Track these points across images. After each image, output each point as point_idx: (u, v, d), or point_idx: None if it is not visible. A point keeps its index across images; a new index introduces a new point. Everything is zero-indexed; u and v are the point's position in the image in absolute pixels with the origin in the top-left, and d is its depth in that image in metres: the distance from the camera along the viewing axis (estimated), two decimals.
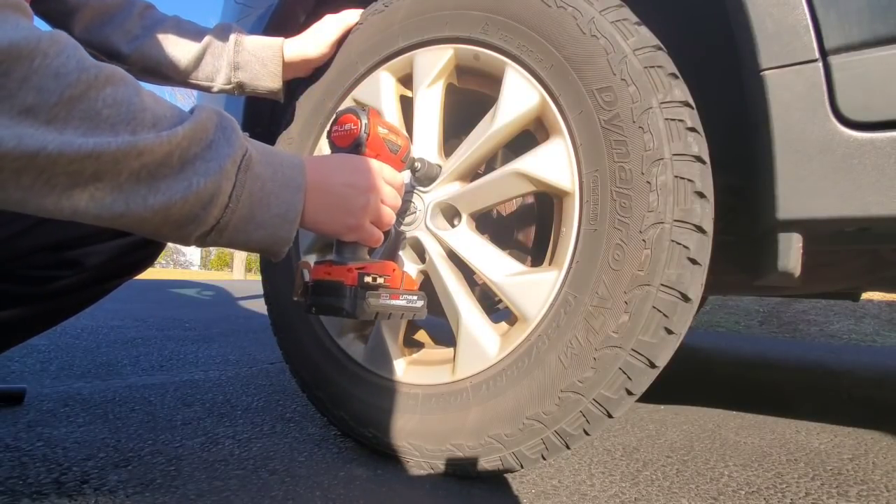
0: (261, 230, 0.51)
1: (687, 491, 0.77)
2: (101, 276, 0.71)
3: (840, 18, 0.58)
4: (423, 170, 0.79)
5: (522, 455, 0.70)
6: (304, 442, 0.89)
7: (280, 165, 0.53)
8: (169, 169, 0.44)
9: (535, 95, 0.73)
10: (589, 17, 0.68)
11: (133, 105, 0.42)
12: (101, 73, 0.41)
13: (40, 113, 0.37)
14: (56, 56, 0.38)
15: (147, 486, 0.68)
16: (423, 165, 0.78)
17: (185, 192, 0.45)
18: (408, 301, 0.70)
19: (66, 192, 0.40)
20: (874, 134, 0.58)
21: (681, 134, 0.63)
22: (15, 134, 0.36)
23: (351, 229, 0.62)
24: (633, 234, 0.64)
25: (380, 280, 0.66)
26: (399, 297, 0.68)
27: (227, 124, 0.49)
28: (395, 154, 0.70)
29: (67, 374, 1.29)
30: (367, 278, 0.64)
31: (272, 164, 0.52)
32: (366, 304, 0.63)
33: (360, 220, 0.61)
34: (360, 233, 0.63)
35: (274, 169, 0.52)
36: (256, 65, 0.89)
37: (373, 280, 0.65)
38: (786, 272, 0.65)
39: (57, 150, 0.38)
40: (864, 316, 3.60)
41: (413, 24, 0.84)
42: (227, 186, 0.47)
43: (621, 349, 0.63)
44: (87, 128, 0.39)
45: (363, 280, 0.64)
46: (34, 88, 0.37)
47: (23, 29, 0.37)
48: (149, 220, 0.44)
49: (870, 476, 0.87)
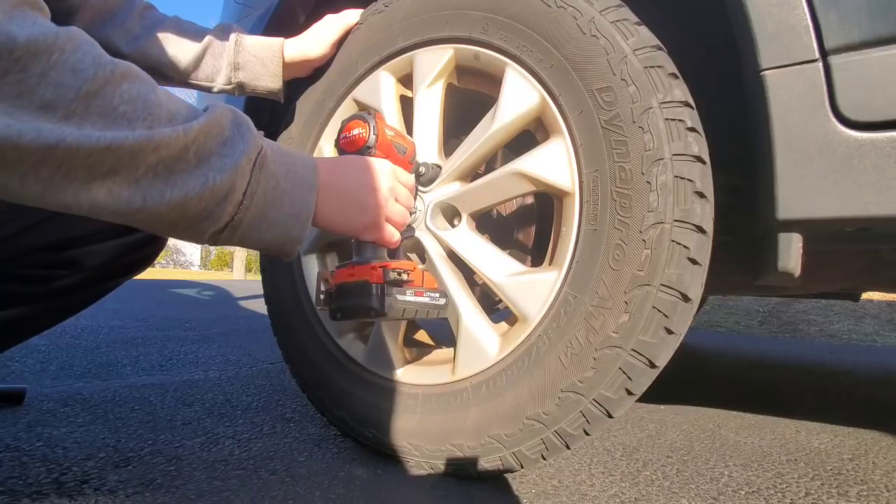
0: (273, 229, 0.51)
1: (687, 491, 0.77)
2: (101, 275, 0.71)
3: (840, 18, 0.58)
4: (427, 173, 0.80)
5: (522, 455, 0.70)
6: (304, 442, 0.89)
7: (293, 165, 0.53)
8: (185, 164, 0.44)
9: (534, 95, 0.73)
10: (589, 16, 0.68)
11: (149, 101, 0.42)
12: (117, 69, 0.41)
13: (59, 108, 0.38)
14: (73, 52, 0.39)
15: (147, 486, 0.68)
16: (427, 169, 0.80)
17: (201, 188, 0.45)
18: (431, 298, 0.69)
19: (84, 185, 0.40)
20: (874, 134, 0.58)
21: (681, 134, 0.63)
22: (34, 127, 0.37)
23: (367, 228, 0.62)
24: (633, 234, 0.64)
25: (404, 276, 0.65)
26: (423, 294, 0.68)
27: (243, 121, 0.50)
28: (402, 156, 0.71)
29: (67, 374, 1.29)
30: (393, 273, 0.64)
31: (286, 164, 0.53)
32: (394, 301, 0.63)
33: (375, 218, 0.62)
34: (377, 231, 0.63)
35: (287, 168, 0.52)
36: (257, 65, 0.89)
37: (398, 275, 0.64)
38: (786, 272, 0.65)
39: (76, 142, 0.38)
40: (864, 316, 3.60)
41: (413, 24, 0.84)
42: (241, 183, 0.48)
43: (621, 349, 0.63)
44: (104, 123, 0.40)
45: (389, 276, 0.63)
46: (52, 84, 0.37)
47: (40, 25, 0.37)
48: (165, 216, 0.44)
49: (870, 476, 0.87)
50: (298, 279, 0.94)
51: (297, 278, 0.94)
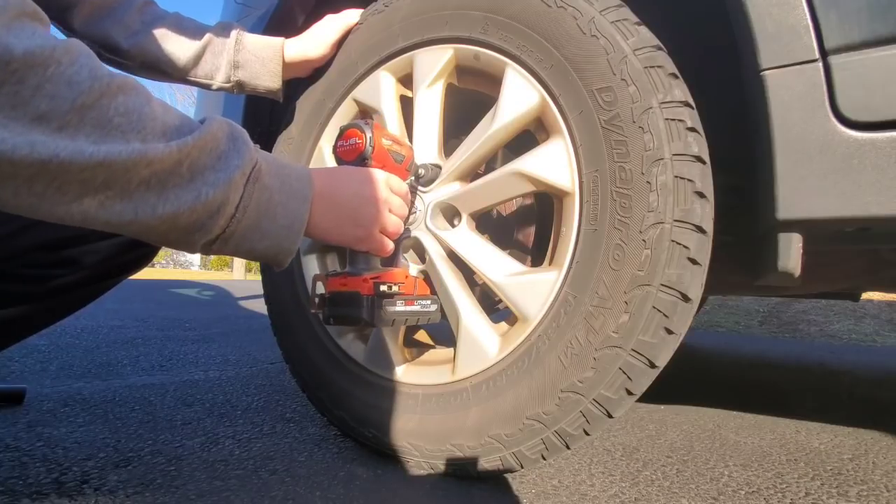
0: (266, 240, 0.52)
1: (687, 491, 0.77)
2: (99, 274, 0.71)
3: (840, 18, 0.58)
4: (427, 174, 0.81)
5: (522, 455, 0.70)
6: (304, 442, 0.89)
7: (288, 177, 0.54)
8: (179, 178, 0.44)
9: (535, 95, 0.73)
10: (589, 17, 0.68)
11: (144, 114, 0.43)
12: (113, 82, 0.41)
13: (53, 120, 0.38)
14: (70, 65, 0.39)
15: (147, 486, 0.68)
16: (427, 171, 0.81)
17: (193, 202, 0.45)
18: (422, 306, 0.73)
19: (77, 199, 0.41)
20: (874, 134, 0.58)
21: (681, 134, 0.63)
22: (28, 141, 0.37)
23: (360, 240, 0.63)
24: (633, 234, 0.64)
25: (395, 288, 0.68)
26: (414, 302, 0.71)
27: (238, 135, 0.50)
28: (399, 164, 0.72)
29: (67, 374, 1.29)
30: (383, 287, 0.67)
31: (280, 176, 0.53)
32: (383, 312, 0.66)
33: (369, 230, 0.63)
34: (370, 243, 0.64)
35: (282, 180, 0.53)
36: (256, 64, 0.88)
37: (388, 289, 0.67)
38: (786, 272, 0.65)
39: (69, 157, 0.38)
40: (864, 316, 3.60)
41: (413, 24, 0.84)
42: (234, 197, 0.48)
43: (621, 349, 0.63)
44: (98, 135, 0.40)
45: (379, 289, 0.66)
46: (48, 96, 0.38)
47: (39, 37, 0.38)
48: (155, 228, 0.45)
49: (870, 476, 0.87)
50: (298, 279, 0.94)
51: (297, 278, 0.94)
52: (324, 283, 0.70)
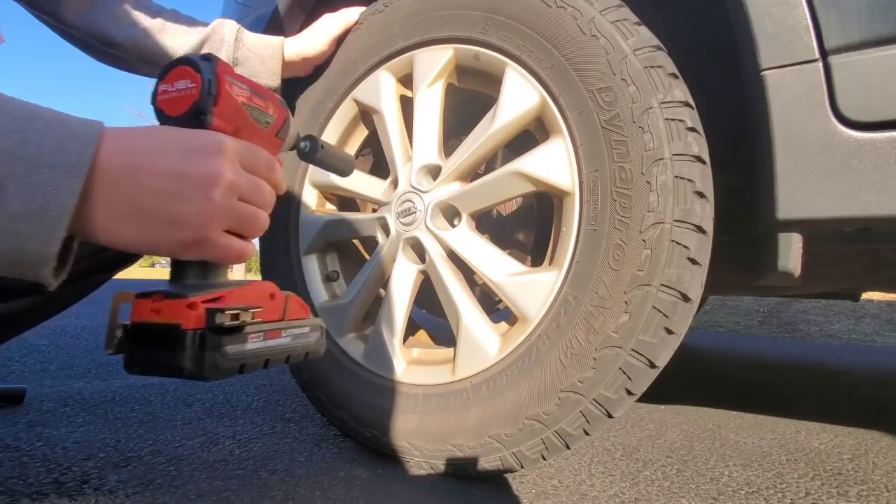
0: None
1: (687, 491, 0.77)
2: (87, 268, 0.70)
3: (840, 18, 0.58)
4: (317, 150, 0.55)
5: (522, 455, 0.70)
6: (304, 442, 0.89)
7: (37, 132, 0.33)
8: None
9: (535, 95, 0.73)
10: (589, 17, 0.68)
11: None
12: None
13: None
14: None
15: (147, 486, 0.68)
16: (314, 144, 0.55)
17: None
18: (294, 337, 0.48)
19: None
20: (874, 134, 0.58)
21: (681, 134, 0.63)
22: None
23: (186, 246, 0.40)
24: (633, 234, 0.64)
25: (245, 316, 0.42)
26: (281, 333, 0.46)
27: None
28: (265, 128, 0.47)
29: (67, 374, 1.29)
30: (221, 317, 0.40)
31: (19, 130, 0.33)
32: (220, 358, 0.40)
33: (198, 230, 0.39)
34: (205, 248, 0.41)
35: (22, 136, 0.33)
36: (255, 62, 0.88)
37: (232, 318, 0.41)
38: (786, 272, 0.65)
39: None
40: (864, 316, 3.60)
41: (413, 24, 0.84)
42: None
43: (621, 349, 0.63)
44: None
45: (214, 319, 0.40)
46: None
47: None
48: None
49: (870, 476, 0.87)
50: (298, 279, 0.94)
51: (298, 278, 0.94)
52: (127, 304, 0.43)
